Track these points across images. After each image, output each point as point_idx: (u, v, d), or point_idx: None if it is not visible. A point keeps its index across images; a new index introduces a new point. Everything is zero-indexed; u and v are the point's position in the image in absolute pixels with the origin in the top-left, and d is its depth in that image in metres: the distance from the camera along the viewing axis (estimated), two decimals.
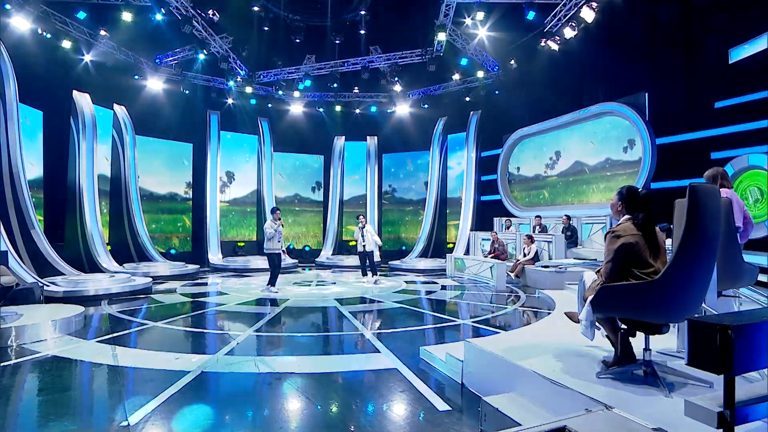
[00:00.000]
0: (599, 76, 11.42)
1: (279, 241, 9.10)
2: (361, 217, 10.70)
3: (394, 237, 18.37)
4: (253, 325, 6.08)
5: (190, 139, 15.87)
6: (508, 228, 12.86)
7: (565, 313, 3.61)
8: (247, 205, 17.17)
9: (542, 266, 9.64)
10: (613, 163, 11.12)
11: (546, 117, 12.95)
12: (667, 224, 4.13)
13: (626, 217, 3.02)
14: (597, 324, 3.09)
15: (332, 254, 16.95)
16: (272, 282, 9.18)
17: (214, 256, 14.91)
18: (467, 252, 13.84)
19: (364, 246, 10.48)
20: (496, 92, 14.83)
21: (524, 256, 10.54)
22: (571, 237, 10.90)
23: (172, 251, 15.25)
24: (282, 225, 9.29)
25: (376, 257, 11.80)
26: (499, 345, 3.75)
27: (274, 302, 8.03)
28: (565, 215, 11.24)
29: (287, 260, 14.49)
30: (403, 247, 17.58)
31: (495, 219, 13.95)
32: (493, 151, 15.12)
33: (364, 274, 10.82)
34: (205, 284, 10.71)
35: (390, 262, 14.61)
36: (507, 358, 3.35)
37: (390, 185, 18.54)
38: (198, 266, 13.13)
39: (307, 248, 17.87)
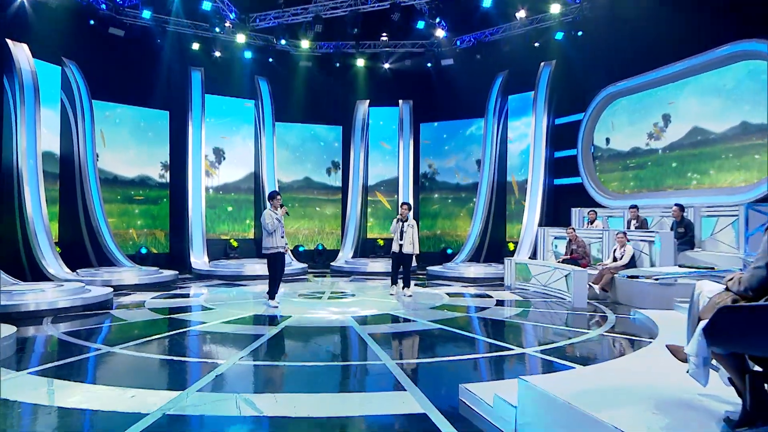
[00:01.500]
0: (732, 1, 10.79)
1: (282, 237, 9.21)
2: (406, 206, 10.65)
3: (434, 234, 18.36)
4: (240, 352, 6.14)
5: (165, 106, 16.14)
6: (592, 222, 12.73)
7: (667, 347, 3.45)
8: (242, 192, 17.39)
9: (631, 276, 9.39)
10: (752, 128, 10.62)
11: (649, 66, 12.58)
12: None
13: None
14: (714, 363, 2.92)
15: (353, 257, 17.08)
16: (272, 293, 9.28)
17: (199, 260, 15.17)
18: (534, 255, 13.88)
19: (401, 246, 10.32)
20: (579, 34, 14.46)
21: (614, 260, 10.36)
22: (685, 235, 10.64)
23: (143, 251, 15.61)
24: (287, 213, 9.37)
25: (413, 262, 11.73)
26: (569, 386, 3.65)
27: (272, 320, 8.14)
28: (677, 205, 10.93)
29: (293, 265, 14.70)
30: (449, 250, 17.61)
31: (573, 210, 13.88)
32: (572, 117, 14.90)
33: (394, 282, 10.80)
34: (185, 296, 10.90)
35: (429, 269, 14.61)
36: (579, 407, 3.19)
37: (430, 165, 18.54)
38: (176, 272, 13.36)
39: (319, 247, 18.06)
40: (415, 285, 12.10)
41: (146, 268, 13.43)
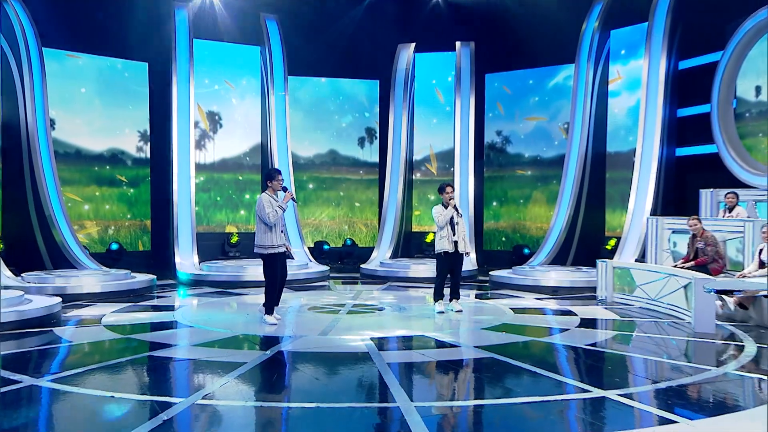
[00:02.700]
0: None
1: (282, 231, 9.26)
2: (451, 188, 10.58)
3: (502, 227, 18.27)
4: (207, 386, 6.12)
5: (143, 56, 16.38)
6: (731, 210, 12.33)
7: None
8: (244, 170, 17.62)
9: (720, 291, 9.21)
10: None
11: None
12: None
13: None
14: None
15: (391, 257, 17.16)
16: (269, 306, 9.33)
17: (185, 260, 15.37)
18: (642, 257, 13.65)
19: (456, 243, 10.18)
20: None
21: (761, 265, 10.04)
22: None
23: (114, 247, 15.91)
24: (293, 199, 9.47)
25: (465, 265, 11.68)
26: None
27: (265, 343, 8.17)
28: None
29: (311, 267, 14.96)
30: (526, 250, 17.58)
31: (703, 192, 13.78)
32: (705, 58, 14.78)
33: (441, 296, 10.61)
34: (159, 308, 11.09)
35: (492, 274, 14.56)
36: None
37: (498, 131, 18.35)
38: (153, 277, 13.49)
39: (348, 242, 18.33)
40: (475, 297, 12.36)
41: (115, 271, 13.54)
